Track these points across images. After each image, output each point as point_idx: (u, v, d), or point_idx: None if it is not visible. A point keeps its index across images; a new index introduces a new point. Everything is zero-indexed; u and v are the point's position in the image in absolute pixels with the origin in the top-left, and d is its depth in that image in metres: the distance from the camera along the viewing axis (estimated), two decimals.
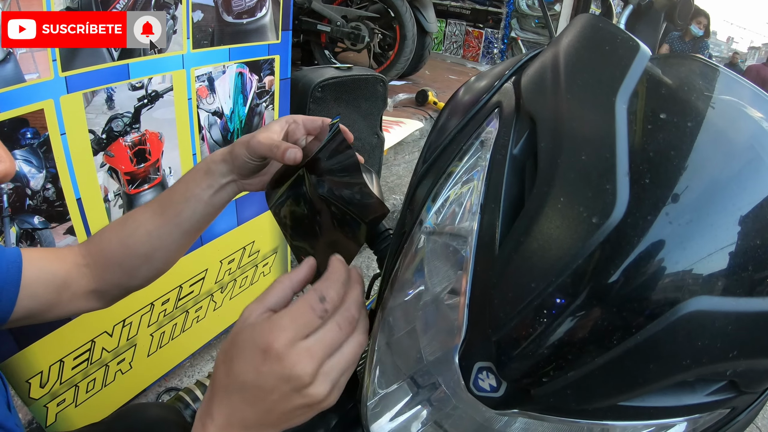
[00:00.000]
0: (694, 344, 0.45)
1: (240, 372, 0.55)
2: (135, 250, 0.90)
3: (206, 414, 0.58)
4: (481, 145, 0.59)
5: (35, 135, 1.27)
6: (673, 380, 0.47)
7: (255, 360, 0.54)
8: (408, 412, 0.64)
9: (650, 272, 0.44)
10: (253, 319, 0.56)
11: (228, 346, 0.57)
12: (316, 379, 0.54)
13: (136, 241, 0.90)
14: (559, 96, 0.53)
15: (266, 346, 0.53)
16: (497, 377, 0.51)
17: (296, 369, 0.53)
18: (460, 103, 0.68)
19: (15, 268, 0.81)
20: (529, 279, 0.46)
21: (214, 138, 1.82)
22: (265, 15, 1.82)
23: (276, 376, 0.53)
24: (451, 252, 0.58)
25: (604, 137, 0.47)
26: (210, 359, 2.23)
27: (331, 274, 0.59)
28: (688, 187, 0.45)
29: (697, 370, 0.47)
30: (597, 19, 0.63)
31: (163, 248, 0.92)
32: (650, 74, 0.55)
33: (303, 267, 0.63)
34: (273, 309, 0.58)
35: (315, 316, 0.55)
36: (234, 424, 0.57)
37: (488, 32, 8.13)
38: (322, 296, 0.56)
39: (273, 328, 0.54)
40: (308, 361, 0.53)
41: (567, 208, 0.46)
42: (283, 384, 0.54)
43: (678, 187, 0.45)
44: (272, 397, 0.54)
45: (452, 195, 0.59)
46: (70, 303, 0.90)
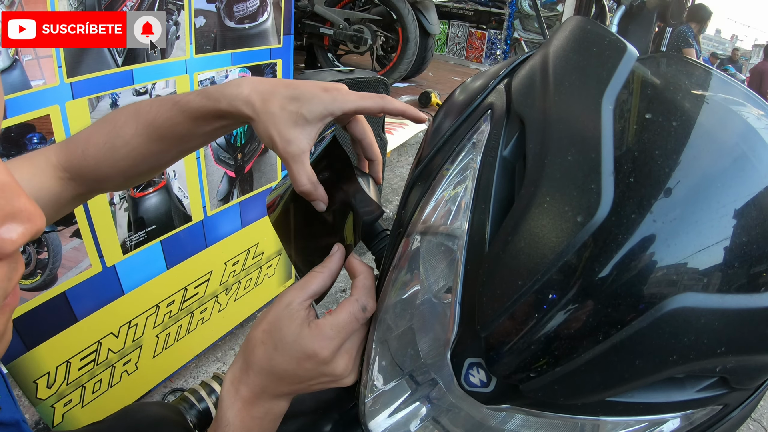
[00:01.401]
0: (680, 340, 0.45)
1: (282, 364, 0.62)
2: (126, 172, 0.83)
3: (240, 381, 0.64)
4: (473, 147, 0.59)
5: (42, 140, 1.28)
6: (661, 376, 0.48)
7: (300, 360, 0.61)
8: (406, 409, 0.66)
9: (635, 269, 0.44)
10: (294, 306, 0.62)
11: (269, 328, 0.63)
12: (347, 369, 0.64)
13: (132, 173, 0.84)
14: (547, 98, 0.54)
15: (312, 353, 0.60)
16: (487, 373, 0.53)
17: (338, 369, 0.62)
18: (455, 103, 0.69)
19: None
20: (515, 277, 0.47)
21: (218, 142, 1.84)
22: (266, 20, 1.83)
23: (317, 372, 0.62)
24: (445, 251, 0.59)
25: (589, 138, 0.48)
26: (215, 360, 2.24)
27: (364, 280, 0.65)
28: (674, 186, 0.46)
29: (684, 366, 0.47)
30: (586, 21, 0.63)
31: (126, 143, 0.81)
32: (637, 75, 0.55)
33: (336, 256, 0.67)
34: (313, 297, 0.64)
35: (357, 324, 0.63)
36: (267, 393, 0.64)
37: (491, 33, 8.15)
38: (364, 306, 0.63)
39: (320, 336, 0.60)
40: (347, 360, 0.63)
41: (553, 207, 0.47)
42: (322, 376, 0.62)
43: (663, 185, 0.46)
44: (309, 382, 0.63)
45: (446, 195, 0.60)
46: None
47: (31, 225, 0.41)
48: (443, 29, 8.43)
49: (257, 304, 2.45)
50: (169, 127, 0.78)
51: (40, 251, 1.40)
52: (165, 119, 0.78)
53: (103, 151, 0.81)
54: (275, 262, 2.40)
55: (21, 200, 0.41)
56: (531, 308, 0.46)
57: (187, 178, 1.79)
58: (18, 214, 0.40)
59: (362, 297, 0.63)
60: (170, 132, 0.79)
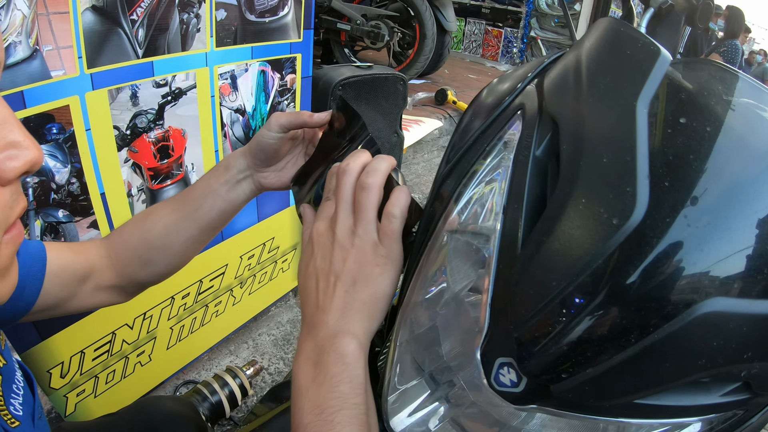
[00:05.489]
0: (709, 344, 0.45)
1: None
2: (153, 243, 0.92)
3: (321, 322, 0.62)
4: (504, 146, 0.60)
5: (61, 130, 1.28)
6: (688, 379, 0.48)
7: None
8: (426, 408, 0.66)
9: (668, 273, 0.45)
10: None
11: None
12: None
13: (155, 234, 0.91)
14: (580, 99, 0.54)
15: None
16: (518, 373, 0.53)
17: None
18: (483, 104, 0.69)
19: (39, 261, 0.83)
20: (550, 277, 0.47)
21: (236, 135, 1.84)
22: (287, 14, 1.83)
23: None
24: (473, 250, 0.59)
25: (625, 140, 0.48)
26: (228, 353, 2.25)
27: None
28: (707, 191, 0.46)
29: (712, 371, 0.47)
30: (618, 23, 0.63)
31: (179, 243, 0.93)
32: (670, 79, 0.55)
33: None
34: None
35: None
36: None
37: (508, 31, 8.10)
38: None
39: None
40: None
41: (588, 209, 0.47)
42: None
43: (697, 190, 0.46)
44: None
45: (475, 195, 0.60)
46: (92, 296, 0.92)
47: (29, 152, 0.45)
48: (459, 27, 8.40)
49: (271, 298, 2.45)
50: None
51: (56, 241, 1.40)
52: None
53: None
54: (290, 257, 2.40)
55: (20, 131, 0.45)
56: (565, 309, 0.47)
57: (205, 171, 1.75)
58: (17, 144, 0.45)
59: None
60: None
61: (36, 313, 0.84)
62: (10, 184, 0.46)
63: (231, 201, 0.92)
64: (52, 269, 0.84)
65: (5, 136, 0.45)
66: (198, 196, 0.91)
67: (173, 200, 0.94)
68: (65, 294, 0.87)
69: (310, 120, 0.82)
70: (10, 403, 0.68)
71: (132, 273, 0.94)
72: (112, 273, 0.93)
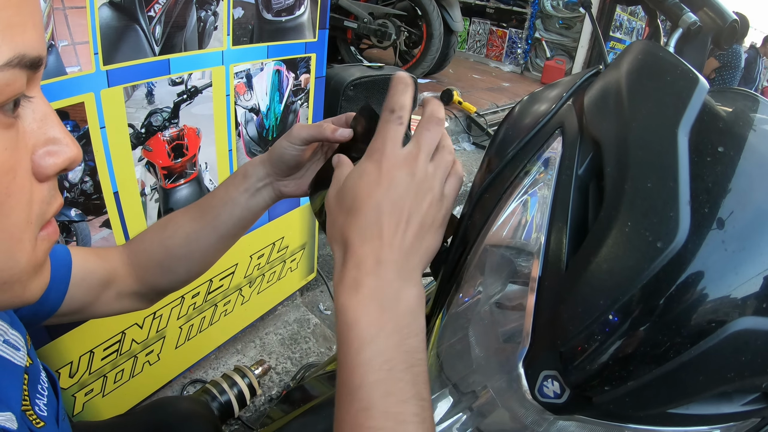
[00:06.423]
0: (738, 359, 0.49)
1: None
2: (173, 251, 0.92)
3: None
4: (544, 164, 0.62)
5: (75, 128, 1.27)
6: (717, 391, 0.52)
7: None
8: (450, 419, 0.68)
9: (704, 293, 0.49)
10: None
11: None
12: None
13: (175, 242, 0.92)
14: (622, 122, 0.57)
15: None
16: (561, 384, 0.55)
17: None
18: (520, 121, 0.71)
19: (65, 265, 0.83)
20: (597, 296, 0.50)
21: (250, 134, 1.84)
22: (303, 13, 1.83)
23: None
24: (506, 263, 0.62)
25: (668, 166, 0.51)
26: (235, 352, 2.25)
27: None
28: (742, 217, 0.50)
29: (738, 383, 0.51)
30: (656, 47, 0.67)
31: (200, 250, 0.93)
32: (708, 107, 0.58)
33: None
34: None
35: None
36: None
37: (512, 32, 8.11)
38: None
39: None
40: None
41: (633, 231, 0.50)
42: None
43: (733, 216, 0.50)
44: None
45: (516, 210, 0.62)
46: (114, 302, 0.93)
47: (69, 149, 0.47)
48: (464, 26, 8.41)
49: (279, 297, 2.46)
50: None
51: (69, 240, 1.39)
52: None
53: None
54: (299, 256, 2.41)
55: (60, 128, 0.46)
56: (610, 326, 0.50)
57: (219, 170, 1.79)
58: (57, 140, 0.46)
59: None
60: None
61: (60, 316, 0.85)
62: (48, 181, 0.47)
63: (250, 209, 0.91)
64: (78, 273, 0.85)
65: (46, 132, 0.45)
66: (217, 205, 0.91)
67: (192, 208, 0.94)
68: (89, 299, 0.88)
69: (332, 136, 0.81)
70: (35, 403, 0.68)
71: (152, 280, 0.95)
72: (133, 280, 0.93)
